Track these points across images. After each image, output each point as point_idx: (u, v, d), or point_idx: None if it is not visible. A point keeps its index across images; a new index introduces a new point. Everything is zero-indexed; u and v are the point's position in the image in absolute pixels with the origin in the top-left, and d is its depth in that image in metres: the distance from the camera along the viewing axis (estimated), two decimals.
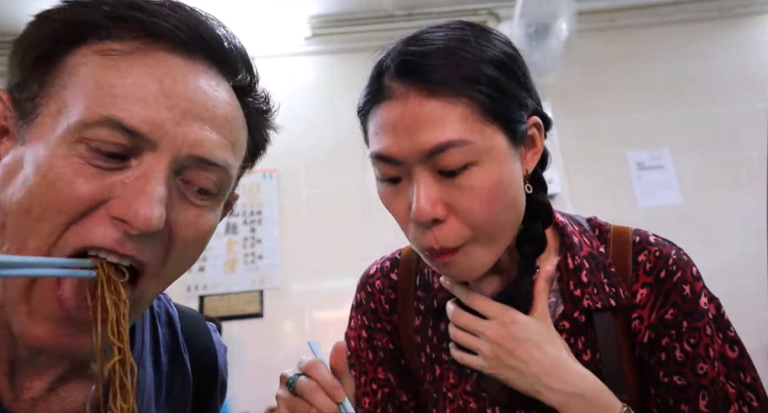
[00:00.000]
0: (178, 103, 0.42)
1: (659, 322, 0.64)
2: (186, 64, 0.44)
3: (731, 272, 2.41)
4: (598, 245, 0.68)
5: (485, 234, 0.58)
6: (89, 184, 0.39)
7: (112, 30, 0.42)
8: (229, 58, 0.49)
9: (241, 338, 2.53)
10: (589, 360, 0.64)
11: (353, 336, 0.79)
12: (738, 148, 2.73)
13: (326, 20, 2.92)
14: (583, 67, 2.80)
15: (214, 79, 0.46)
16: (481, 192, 0.56)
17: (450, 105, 0.55)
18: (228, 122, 0.46)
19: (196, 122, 0.43)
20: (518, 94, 0.60)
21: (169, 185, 0.42)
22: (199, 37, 0.45)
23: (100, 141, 0.39)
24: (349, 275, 2.69)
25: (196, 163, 0.43)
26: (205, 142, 0.43)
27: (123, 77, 0.41)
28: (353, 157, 3.36)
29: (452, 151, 0.54)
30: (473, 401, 0.67)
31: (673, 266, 0.64)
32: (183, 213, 0.43)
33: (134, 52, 0.42)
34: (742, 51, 2.91)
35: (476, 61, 0.57)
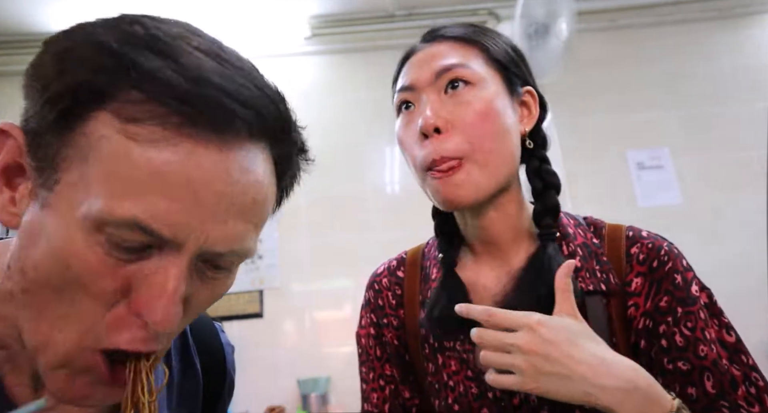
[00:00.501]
0: (206, 200, 0.38)
1: (655, 310, 0.66)
2: (220, 151, 0.38)
3: (731, 272, 2.41)
4: (591, 237, 0.72)
5: (480, 151, 0.65)
6: (114, 277, 0.38)
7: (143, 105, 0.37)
8: (273, 132, 0.43)
9: (241, 338, 2.53)
10: None
11: (363, 334, 0.81)
12: (738, 148, 2.73)
13: (326, 20, 2.92)
14: (582, 67, 2.80)
15: (249, 157, 0.40)
16: (476, 108, 0.65)
17: (458, 46, 0.70)
18: (257, 204, 0.42)
19: (222, 217, 0.39)
20: (518, 64, 0.72)
21: (189, 272, 0.40)
22: (243, 119, 0.39)
23: (121, 238, 0.37)
24: (349, 275, 2.71)
25: (222, 252, 0.41)
26: (230, 237, 0.40)
27: (148, 171, 0.36)
28: (353, 157, 3.37)
29: (456, 70, 0.67)
30: (474, 386, 0.69)
31: (665, 257, 0.67)
32: (200, 288, 0.42)
33: (162, 141, 0.37)
34: (742, 51, 2.91)
35: (486, 33, 0.72)
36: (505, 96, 0.69)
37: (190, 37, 0.40)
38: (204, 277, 0.42)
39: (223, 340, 0.64)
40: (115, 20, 0.40)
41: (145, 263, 0.38)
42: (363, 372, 0.80)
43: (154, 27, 0.39)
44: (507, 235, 0.72)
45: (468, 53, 0.69)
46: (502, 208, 0.71)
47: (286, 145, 0.45)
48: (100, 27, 0.39)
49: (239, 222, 0.40)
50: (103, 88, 0.37)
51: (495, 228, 0.71)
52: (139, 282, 0.39)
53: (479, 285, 0.73)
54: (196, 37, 0.41)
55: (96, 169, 0.37)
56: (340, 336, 2.62)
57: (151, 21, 0.40)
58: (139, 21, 0.40)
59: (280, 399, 2.49)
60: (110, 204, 0.36)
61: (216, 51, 0.40)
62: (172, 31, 0.40)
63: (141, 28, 0.39)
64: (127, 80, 0.37)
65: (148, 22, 0.40)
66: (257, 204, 0.42)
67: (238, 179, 0.39)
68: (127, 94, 0.37)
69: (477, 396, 0.69)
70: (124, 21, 0.40)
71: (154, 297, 0.38)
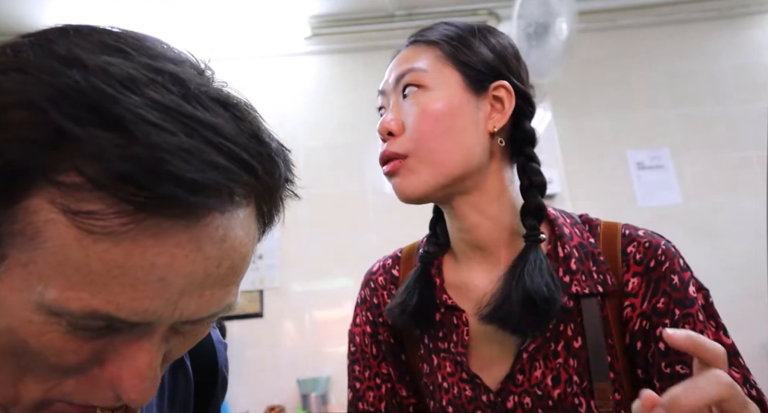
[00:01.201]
0: (175, 282, 0.33)
1: (652, 311, 0.65)
2: (188, 230, 0.33)
3: (731, 272, 2.41)
4: (588, 236, 0.71)
5: (423, 149, 0.67)
6: (79, 352, 0.34)
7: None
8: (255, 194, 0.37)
9: (241, 338, 2.53)
10: (579, 347, 0.66)
11: (358, 332, 0.81)
12: (738, 148, 2.73)
13: (326, 20, 2.92)
14: (583, 67, 2.80)
15: (223, 226, 0.35)
16: (425, 110, 0.67)
17: (423, 49, 0.71)
18: (235, 269, 0.37)
19: (197, 292, 0.35)
20: (488, 58, 0.71)
21: (164, 338, 0.37)
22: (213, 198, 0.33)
23: (82, 323, 0.33)
24: (349, 275, 2.71)
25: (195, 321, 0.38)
26: (207, 306, 0.36)
27: (105, 263, 0.31)
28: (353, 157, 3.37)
29: (409, 75, 0.69)
30: (469, 388, 0.69)
31: (662, 256, 0.66)
32: (178, 342, 0.40)
33: (118, 233, 0.31)
34: (742, 51, 2.91)
35: (462, 30, 0.72)
36: (465, 95, 0.69)
37: (148, 81, 0.32)
38: (182, 331, 0.39)
39: (214, 338, 0.63)
40: (50, 58, 0.32)
41: (113, 336, 0.35)
42: (357, 371, 0.79)
43: (100, 69, 0.31)
44: (492, 237, 0.70)
45: (428, 55, 0.70)
46: (482, 210, 0.69)
47: (272, 200, 0.40)
48: (31, 71, 0.31)
49: (215, 290, 0.36)
50: (41, 168, 0.30)
51: (480, 232, 0.70)
52: (110, 354, 0.35)
53: (472, 287, 0.72)
54: (158, 75, 0.33)
55: (46, 256, 0.31)
56: (340, 336, 2.61)
57: (96, 55, 0.32)
58: (78, 60, 0.31)
59: (280, 399, 2.49)
60: (65, 295, 0.31)
61: (180, 105, 0.32)
62: (124, 74, 0.32)
63: (81, 77, 0.30)
64: (67, 160, 0.30)
65: (92, 62, 0.31)
66: (235, 269, 0.37)
67: (210, 254, 0.34)
68: (69, 176, 0.30)
69: (471, 398, 0.69)
70: (60, 58, 0.32)
71: (126, 373, 0.35)
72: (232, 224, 0.35)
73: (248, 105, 0.38)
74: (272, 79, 2.94)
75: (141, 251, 0.32)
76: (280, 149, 0.39)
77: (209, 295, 0.36)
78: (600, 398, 0.64)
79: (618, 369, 0.65)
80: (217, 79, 0.39)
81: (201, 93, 0.34)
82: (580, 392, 0.64)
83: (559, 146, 2.69)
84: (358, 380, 0.78)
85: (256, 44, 2.91)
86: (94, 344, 0.34)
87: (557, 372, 0.66)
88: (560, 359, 0.66)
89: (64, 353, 0.34)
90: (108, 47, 0.34)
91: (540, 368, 0.66)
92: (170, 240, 0.32)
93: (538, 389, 0.66)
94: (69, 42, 0.33)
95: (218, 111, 0.34)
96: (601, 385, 0.64)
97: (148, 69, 0.33)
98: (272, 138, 0.38)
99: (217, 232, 0.34)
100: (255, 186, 0.36)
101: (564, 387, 0.65)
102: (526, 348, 0.67)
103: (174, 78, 0.33)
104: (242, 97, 0.39)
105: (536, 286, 0.62)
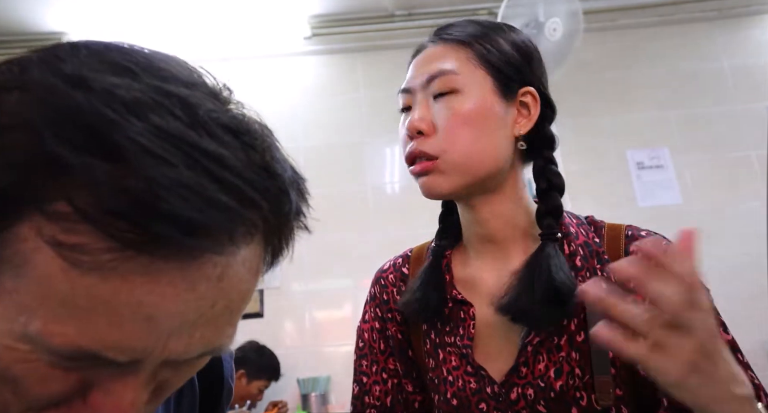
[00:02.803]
0: (164, 321, 0.32)
1: None
2: (181, 270, 0.31)
3: (731, 272, 2.41)
4: (593, 236, 0.73)
5: (455, 152, 0.68)
6: (63, 381, 0.33)
7: None
8: (262, 230, 0.35)
9: (242, 338, 2.53)
10: (582, 341, 0.67)
11: (366, 328, 0.82)
12: (738, 148, 2.73)
13: (326, 20, 2.92)
14: (583, 66, 2.80)
15: (222, 265, 0.32)
16: (457, 113, 0.68)
17: (454, 49, 0.71)
18: (231, 309, 0.35)
19: (188, 331, 0.33)
20: (517, 62, 0.72)
21: (153, 375, 0.35)
22: (212, 238, 0.31)
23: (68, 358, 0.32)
24: (349, 275, 2.70)
25: (186, 360, 0.36)
26: (198, 346, 0.34)
27: (91, 299, 0.30)
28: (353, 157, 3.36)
29: (443, 78, 0.70)
30: (474, 381, 0.70)
31: None
32: (172, 376, 0.38)
33: (105, 269, 0.29)
34: (742, 51, 2.91)
35: (490, 29, 0.74)
36: (495, 99, 0.70)
37: (154, 105, 0.30)
38: (175, 367, 0.37)
39: None
40: (55, 77, 0.31)
41: (99, 370, 0.33)
42: (364, 366, 0.80)
43: (105, 92, 0.30)
44: (505, 233, 0.73)
45: (459, 56, 0.71)
46: (495, 207, 0.72)
47: (280, 236, 0.37)
48: (34, 91, 0.30)
49: (207, 330, 0.34)
50: (32, 195, 0.29)
51: (491, 226, 0.73)
52: (94, 385, 0.34)
53: (480, 281, 0.74)
54: (165, 98, 0.31)
55: (31, 286, 0.30)
56: (340, 335, 2.62)
57: (103, 76, 0.31)
58: (83, 81, 0.30)
59: (280, 399, 2.49)
60: (49, 328, 0.30)
61: (184, 133, 0.30)
62: (129, 97, 0.30)
63: (84, 99, 0.29)
64: (59, 189, 0.28)
65: (98, 83, 0.30)
66: (231, 308, 0.35)
67: (205, 293, 0.32)
68: (59, 206, 0.29)
69: (475, 390, 0.70)
70: (66, 78, 0.30)
71: (108, 410, 0.33)
72: (232, 262, 0.33)
73: (263, 132, 0.36)
74: (272, 79, 2.94)
75: (129, 288, 0.30)
76: (293, 180, 0.36)
77: (199, 336, 0.34)
78: (600, 391, 0.65)
79: (619, 365, 0.66)
80: (234, 100, 0.36)
81: (210, 120, 0.32)
82: (581, 385, 0.66)
83: (559, 146, 2.68)
84: (365, 374, 0.80)
85: (255, 44, 2.91)
86: (78, 375, 0.33)
87: (560, 365, 0.67)
88: (563, 352, 0.67)
89: (47, 382, 0.33)
90: (117, 66, 0.32)
91: (543, 361, 0.68)
92: (161, 279, 0.30)
93: (541, 381, 0.67)
94: (77, 60, 0.32)
95: (227, 140, 0.32)
96: (602, 379, 0.65)
97: (157, 92, 0.31)
98: (285, 168, 0.35)
99: (213, 271, 0.32)
100: (260, 224, 0.34)
101: (566, 379, 0.66)
102: (530, 341, 0.68)
103: (183, 102, 0.32)
104: (259, 121, 0.36)
105: (562, 279, 0.65)
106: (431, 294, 0.73)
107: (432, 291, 0.73)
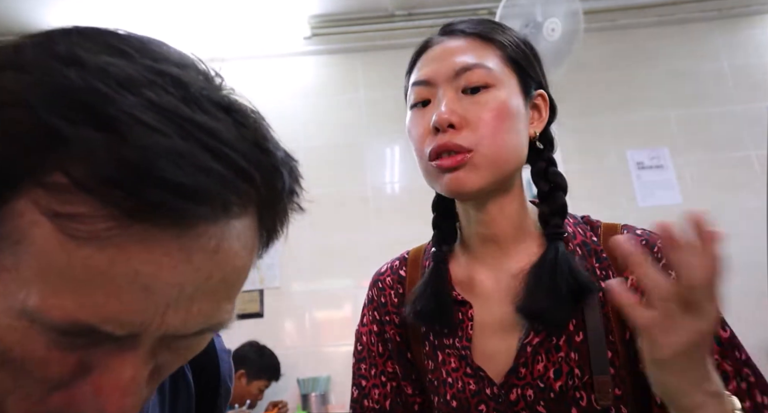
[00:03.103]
0: (162, 292, 0.32)
1: None
2: (178, 238, 0.31)
3: (732, 272, 2.41)
4: (591, 235, 0.73)
5: (490, 146, 0.66)
6: (62, 363, 0.34)
7: None
8: (255, 203, 0.35)
9: (241, 338, 2.53)
10: (581, 341, 0.67)
11: (364, 331, 0.82)
12: (738, 147, 2.73)
13: (326, 20, 2.92)
14: (582, 66, 2.80)
15: (217, 237, 0.33)
16: (492, 108, 0.67)
17: (481, 45, 0.70)
18: (228, 282, 0.36)
19: (185, 304, 0.34)
20: (531, 62, 0.73)
21: (152, 353, 0.36)
22: (208, 207, 0.31)
23: (66, 336, 0.32)
24: (349, 275, 2.71)
25: (184, 335, 0.36)
26: (196, 320, 0.35)
27: (87, 270, 0.30)
28: (353, 157, 3.36)
29: (477, 71, 0.68)
30: (473, 382, 0.70)
31: (658, 253, 0.68)
32: (170, 357, 0.38)
33: (102, 238, 0.30)
34: (742, 51, 2.91)
35: (502, 27, 0.74)
36: (519, 97, 0.70)
37: (147, 82, 0.31)
38: (172, 346, 0.37)
39: (218, 346, 0.61)
40: (49, 58, 0.31)
41: (99, 347, 0.33)
42: (362, 369, 0.80)
43: (98, 69, 0.31)
44: (508, 234, 0.73)
45: (486, 52, 0.70)
46: (504, 207, 0.72)
47: (274, 213, 0.38)
48: (29, 70, 0.31)
49: (205, 304, 0.35)
50: (29, 169, 0.30)
51: (496, 225, 0.72)
52: (93, 366, 0.34)
53: (478, 282, 0.74)
54: (158, 77, 0.32)
55: (29, 261, 0.31)
56: (340, 336, 2.62)
57: (97, 56, 0.32)
58: (77, 60, 0.31)
59: (280, 399, 2.49)
60: (48, 302, 0.30)
61: (178, 107, 0.31)
62: (123, 74, 0.31)
63: (78, 76, 0.30)
64: (55, 161, 0.29)
65: (92, 61, 0.31)
66: (228, 283, 0.36)
67: (200, 265, 0.33)
68: (55, 177, 0.29)
69: (475, 392, 0.70)
70: (60, 57, 0.31)
71: (108, 386, 0.34)
72: (227, 235, 0.33)
73: (255, 112, 0.36)
74: (272, 79, 2.94)
75: (125, 258, 0.30)
76: (286, 160, 0.37)
77: (197, 310, 0.34)
78: (599, 391, 0.65)
79: (618, 365, 0.66)
80: (227, 86, 0.37)
81: (202, 96, 0.33)
82: (581, 385, 0.66)
83: (559, 146, 2.68)
84: (364, 378, 0.80)
85: (255, 44, 2.91)
86: (78, 355, 0.33)
87: (559, 366, 0.67)
88: (562, 353, 0.67)
89: (47, 363, 0.33)
90: (110, 48, 0.33)
91: (542, 361, 0.68)
92: (157, 249, 0.31)
93: (540, 382, 0.67)
94: (71, 42, 0.33)
95: (219, 115, 0.33)
96: (601, 379, 0.65)
97: (149, 71, 0.32)
98: (278, 147, 0.36)
99: (209, 243, 0.32)
100: (253, 196, 0.34)
101: (565, 379, 0.66)
102: (529, 341, 0.68)
103: (175, 80, 0.32)
104: (249, 104, 0.37)
105: (584, 274, 0.66)
106: (443, 302, 0.72)
107: (442, 299, 0.72)
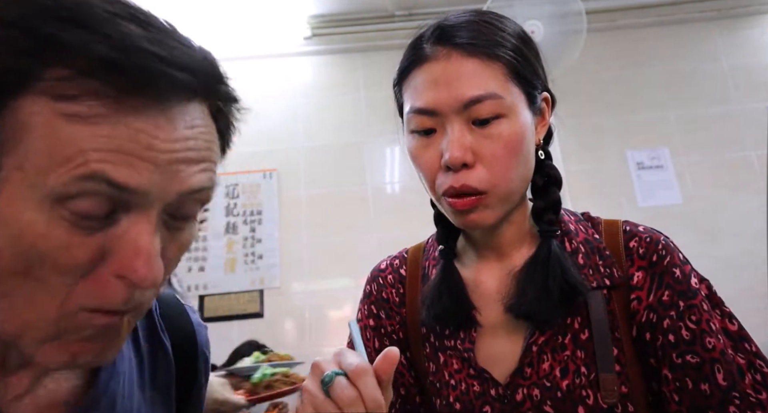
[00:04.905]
0: (159, 155, 0.39)
1: (658, 304, 0.66)
2: (163, 112, 0.39)
3: (731, 272, 2.41)
4: (593, 232, 0.73)
5: (504, 184, 0.65)
6: (85, 248, 0.38)
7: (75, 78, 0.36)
8: (208, 88, 0.44)
9: (241, 338, 2.53)
10: (586, 339, 0.67)
11: (361, 326, 0.82)
12: (738, 148, 2.73)
13: (326, 20, 2.92)
14: (582, 66, 2.80)
15: (190, 113, 0.42)
16: (507, 141, 0.64)
17: (486, 64, 0.65)
18: (207, 150, 0.43)
19: (180, 166, 0.40)
20: (535, 66, 0.70)
21: (159, 226, 0.41)
22: (181, 81, 0.39)
23: (84, 207, 0.37)
24: (349, 275, 2.70)
25: (185, 197, 0.42)
26: (191, 179, 0.41)
27: (93, 133, 0.36)
28: (353, 156, 3.36)
29: (487, 103, 0.63)
30: (477, 384, 0.70)
31: (663, 250, 0.68)
32: (169, 241, 0.43)
33: (100, 116, 0.36)
34: (742, 51, 2.91)
35: (502, 31, 0.68)
36: (527, 111, 0.67)
37: (103, 2, 0.38)
38: (171, 228, 0.43)
39: (194, 320, 0.64)
40: None
41: (114, 228, 0.39)
42: None
43: None
44: (513, 239, 0.73)
45: (492, 72, 0.64)
46: (512, 220, 0.72)
47: (220, 98, 0.46)
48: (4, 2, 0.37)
49: (193, 168, 0.41)
50: (27, 70, 0.35)
51: (502, 235, 0.73)
52: (113, 246, 0.39)
53: (480, 283, 0.73)
54: (109, 3, 0.39)
55: (37, 146, 0.35)
56: (340, 336, 2.61)
57: None
58: None
59: (280, 398, 2.49)
60: (61, 172, 0.35)
61: (136, 15, 0.40)
62: None
63: None
64: (52, 58, 0.35)
65: None
66: (207, 150, 0.43)
67: (184, 134, 0.40)
68: (55, 71, 0.35)
69: (479, 393, 0.69)
70: None
71: (132, 256, 0.38)
72: (195, 115, 0.42)
73: None
74: (272, 80, 2.93)
75: (126, 123, 0.37)
76: (223, 72, 0.46)
77: (192, 169, 0.41)
78: (606, 389, 0.65)
79: (624, 362, 0.66)
80: None
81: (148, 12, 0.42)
82: (587, 383, 0.66)
83: (559, 146, 2.68)
84: None
85: (255, 44, 2.91)
86: (97, 238, 0.38)
87: (565, 364, 0.67)
88: (567, 351, 0.67)
89: (71, 249, 0.37)
90: None
91: (548, 360, 0.67)
92: (150, 121, 0.38)
93: (546, 381, 0.67)
94: None
95: (166, 23, 0.43)
96: (607, 376, 0.65)
97: None
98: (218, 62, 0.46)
99: (186, 117, 0.41)
100: (207, 88, 0.43)
101: (572, 378, 0.66)
102: (535, 341, 0.68)
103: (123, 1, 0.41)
104: None
105: (575, 276, 0.66)
106: (462, 303, 0.71)
107: (461, 301, 0.71)
